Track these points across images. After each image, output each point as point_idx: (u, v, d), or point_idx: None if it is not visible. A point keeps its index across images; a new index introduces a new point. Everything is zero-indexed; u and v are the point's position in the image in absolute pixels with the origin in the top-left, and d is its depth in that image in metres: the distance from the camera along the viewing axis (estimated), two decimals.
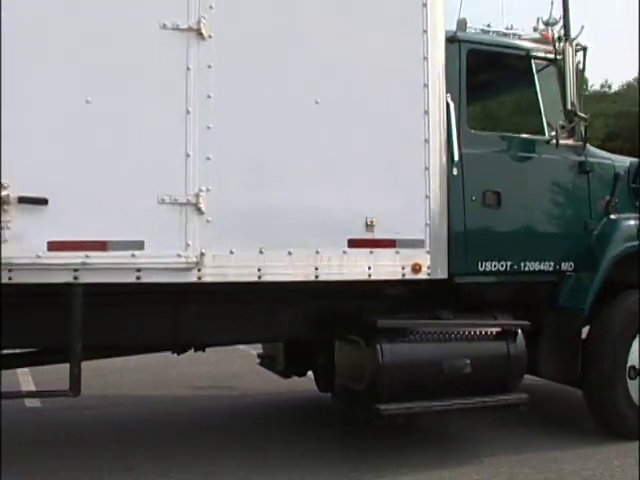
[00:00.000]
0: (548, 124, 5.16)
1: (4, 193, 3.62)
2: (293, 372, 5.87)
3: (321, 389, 5.79)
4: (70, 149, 3.77)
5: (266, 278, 4.12)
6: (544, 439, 5.10)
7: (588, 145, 5.28)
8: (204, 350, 5.21)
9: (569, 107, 4.87)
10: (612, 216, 5.21)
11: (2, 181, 3.62)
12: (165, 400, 6.59)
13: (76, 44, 3.79)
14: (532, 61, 5.22)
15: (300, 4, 4.23)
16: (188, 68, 3.98)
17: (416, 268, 4.44)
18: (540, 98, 5.21)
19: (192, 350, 5.02)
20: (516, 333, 4.76)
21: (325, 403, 6.14)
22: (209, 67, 4.00)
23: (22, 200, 3.65)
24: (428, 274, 4.48)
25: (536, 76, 5.23)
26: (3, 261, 3.63)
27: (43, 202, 3.68)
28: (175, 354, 5.05)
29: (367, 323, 4.47)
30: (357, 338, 4.59)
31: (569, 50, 4.90)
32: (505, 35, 5.41)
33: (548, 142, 5.11)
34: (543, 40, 5.37)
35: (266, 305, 4.60)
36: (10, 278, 3.67)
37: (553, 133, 5.13)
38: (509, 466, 4.51)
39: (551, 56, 5.20)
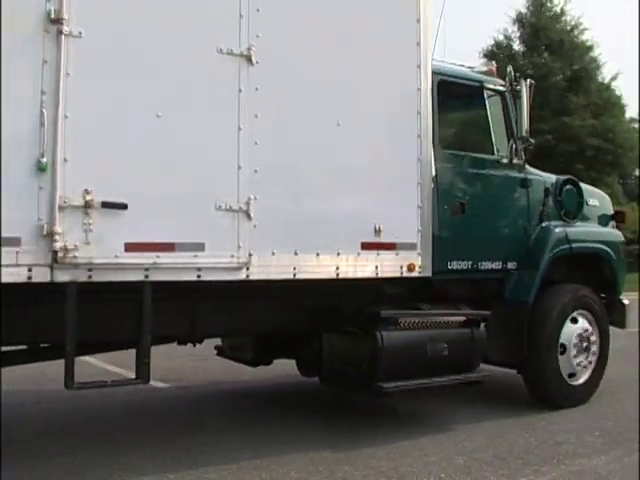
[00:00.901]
0: (496, 145, 6.19)
1: (88, 198, 3.94)
2: (261, 361, 6.43)
3: (305, 374, 6.42)
4: (144, 159, 4.13)
5: (299, 276, 4.70)
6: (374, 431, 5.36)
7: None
8: (201, 342, 5.67)
9: (524, 133, 5.89)
10: (544, 224, 6.32)
11: (87, 187, 3.93)
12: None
13: (150, 64, 4.16)
14: (484, 91, 6.19)
15: (330, 45, 4.84)
16: (240, 90, 4.45)
17: (411, 267, 5.22)
18: (491, 123, 6.20)
19: None
20: (479, 321, 5.70)
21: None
22: (256, 90, 4.50)
23: (105, 205, 3.97)
24: (419, 272, 5.27)
25: (487, 104, 6.21)
26: (84, 261, 3.95)
27: (123, 207, 4.03)
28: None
29: (369, 314, 5.20)
30: (354, 328, 5.29)
31: (524, 85, 5.90)
32: (461, 67, 6.31)
33: (498, 161, 6.12)
34: (490, 73, 6.37)
35: (269, 301, 5.15)
36: (90, 277, 3.99)
37: (501, 153, 6.16)
38: (328, 464, 4.57)
39: (500, 88, 6.21)
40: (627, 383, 7.02)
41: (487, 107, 6.21)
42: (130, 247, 4.08)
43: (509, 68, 6.13)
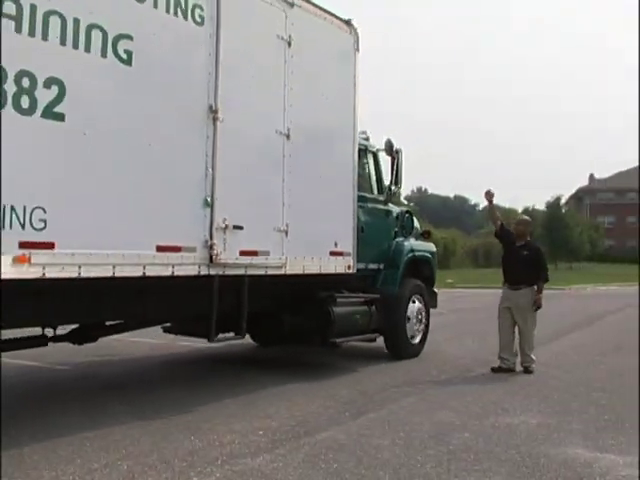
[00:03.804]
0: (375, 188, 9.58)
1: (226, 222, 6.37)
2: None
3: (261, 343, 9.11)
4: (246, 198, 6.68)
5: (306, 271, 7.53)
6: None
7: None
8: None
9: (400, 184, 9.37)
10: (397, 239, 9.88)
11: (225, 216, 6.36)
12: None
13: (251, 140, 6.73)
14: (366, 151, 9.53)
15: (327, 135, 7.84)
16: (284, 155, 7.17)
17: (349, 267, 8.33)
18: (371, 173, 9.57)
19: None
20: (373, 301, 8.96)
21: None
22: (290, 156, 7.26)
23: (235, 227, 6.45)
24: (353, 270, 8.40)
25: (367, 160, 9.56)
26: (223, 262, 6.36)
27: (241, 228, 6.52)
28: None
29: (325, 296, 8.14)
30: (310, 306, 8.18)
31: (400, 151, 9.38)
32: None
33: (376, 199, 9.51)
34: (367, 139, 9.73)
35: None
36: (224, 272, 6.42)
37: (376, 193, 9.56)
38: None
39: (373, 150, 9.62)
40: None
41: (368, 162, 9.57)
42: (242, 253, 6.60)
43: (388, 138, 9.54)
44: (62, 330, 6.59)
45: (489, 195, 8.92)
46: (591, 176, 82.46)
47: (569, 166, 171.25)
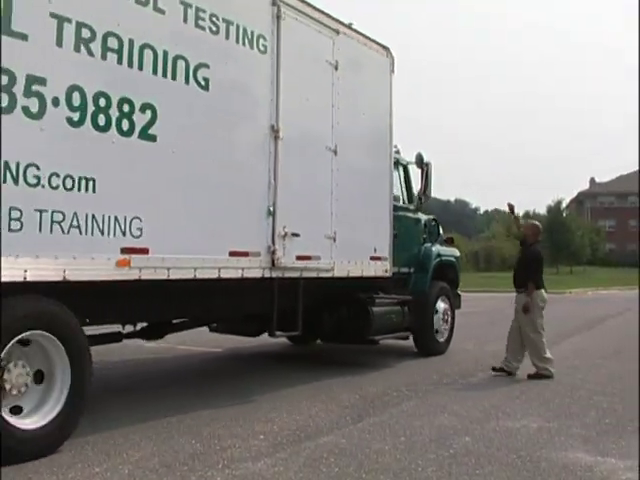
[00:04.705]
0: (406, 197, 10.29)
1: (286, 230, 7.06)
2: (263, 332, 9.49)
3: (295, 342, 9.84)
4: (301, 208, 7.36)
5: (350, 275, 8.22)
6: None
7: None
8: None
9: (429, 194, 10.07)
10: (426, 245, 10.57)
11: (284, 224, 7.03)
12: None
13: (308, 154, 7.41)
14: (398, 164, 10.22)
15: (368, 155, 8.55)
16: (332, 169, 7.87)
17: (385, 270, 9.01)
18: (402, 184, 10.28)
19: None
20: (405, 302, 9.64)
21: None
22: (337, 170, 7.95)
23: (293, 234, 7.13)
24: (390, 274, 9.08)
25: (398, 172, 10.26)
26: (282, 266, 7.03)
27: (298, 235, 7.21)
28: None
29: (365, 297, 8.82)
30: (351, 306, 8.86)
31: (430, 165, 10.08)
32: None
33: (407, 208, 10.21)
34: (398, 152, 10.43)
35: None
36: (283, 274, 7.10)
37: (407, 202, 10.27)
38: None
39: (404, 162, 10.31)
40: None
41: (399, 173, 10.27)
42: (298, 258, 7.29)
43: (419, 152, 10.26)
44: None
45: (510, 207, 9.47)
46: (592, 180, 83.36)
47: (570, 170, 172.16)
